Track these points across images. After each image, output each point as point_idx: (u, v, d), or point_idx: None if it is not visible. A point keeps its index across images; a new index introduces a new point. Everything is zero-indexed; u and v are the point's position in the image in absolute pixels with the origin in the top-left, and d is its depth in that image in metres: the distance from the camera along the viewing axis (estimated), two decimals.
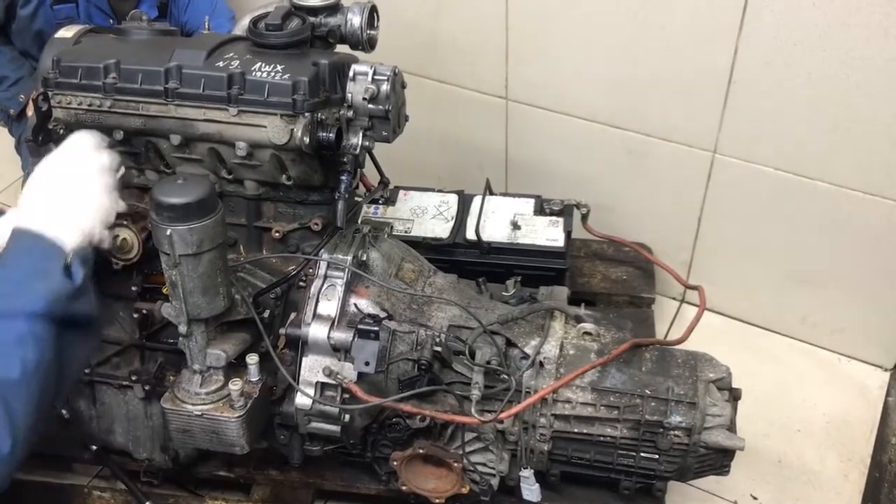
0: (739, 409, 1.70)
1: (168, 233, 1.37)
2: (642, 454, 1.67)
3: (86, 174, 1.35)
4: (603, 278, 2.34)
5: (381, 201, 2.21)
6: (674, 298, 2.51)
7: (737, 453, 1.67)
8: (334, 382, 1.58)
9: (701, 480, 1.86)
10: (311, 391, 1.61)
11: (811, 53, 1.90)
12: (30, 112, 1.67)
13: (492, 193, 2.23)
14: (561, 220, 2.13)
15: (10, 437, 1.10)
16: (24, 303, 1.16)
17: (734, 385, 1.70)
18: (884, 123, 1.91)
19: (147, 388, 1.74)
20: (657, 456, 1.67)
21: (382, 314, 1.63)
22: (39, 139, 1.55)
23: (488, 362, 1.64)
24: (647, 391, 1.64)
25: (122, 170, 1.47)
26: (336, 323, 1.62)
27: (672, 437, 1.63)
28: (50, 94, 1.58)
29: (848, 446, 2.12)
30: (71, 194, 1.31)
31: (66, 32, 1.67)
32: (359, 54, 1.70)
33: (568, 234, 2.10)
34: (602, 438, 1.67)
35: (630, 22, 2.09)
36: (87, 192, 1.33)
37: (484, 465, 1.71)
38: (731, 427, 1.65)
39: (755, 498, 2.01)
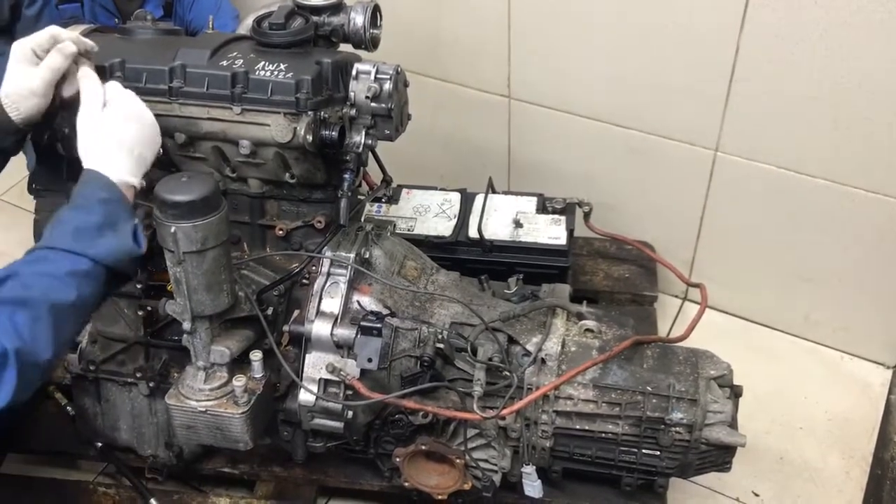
0: (742, 407, 1.71)
1: (172, 230, 1.38)
2: (644, 450, 1.68)
3: (140, 125, 1.42)
4: (605, 276, 2.35)
5: (383, 200, 2.22)
6: (676, 296, 2.52)
7: (739, 450, 1.68)
8: (337, 379, 1.60)
9: (703, 477, 1.87)
10: (314, 388, 1.62)
11: (812, 52, 1.90)
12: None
13: (494, 192, 2.24)
14: (563, 218, 2.14)
15: (52, 350, 1.23)
16: (95, 250, 1.28)
17: (735, 382, 1.70)
18: (885, 122, 1.92)
19: (152, 384, 1.76)
20: (658, 452, 1.68)
21: (385, 311, 1.64)
22: (45, 138, 1.56)
23: (490, 359, 1.65)
24: (648, 388, 1.65)
25: None
26: (339, 320, 1.63)
27: (673, 434, 1.64)
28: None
29: (850, 444, 2.12)
30: (131, 147, 1.39)
31: (72, 32, 1.68)
32: (362, 53, 1.71)
33: (570, 232, 2.11)
34: (604, 435, 1.67)
35: (632, 20, 2.10)
36: (144, 144, 1.41)
37: (486, 461, 1.72)
38: (733, 424, 1.66)
39: (757, 495, 2.02)
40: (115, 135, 1.38)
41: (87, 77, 1.44)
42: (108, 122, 1.39)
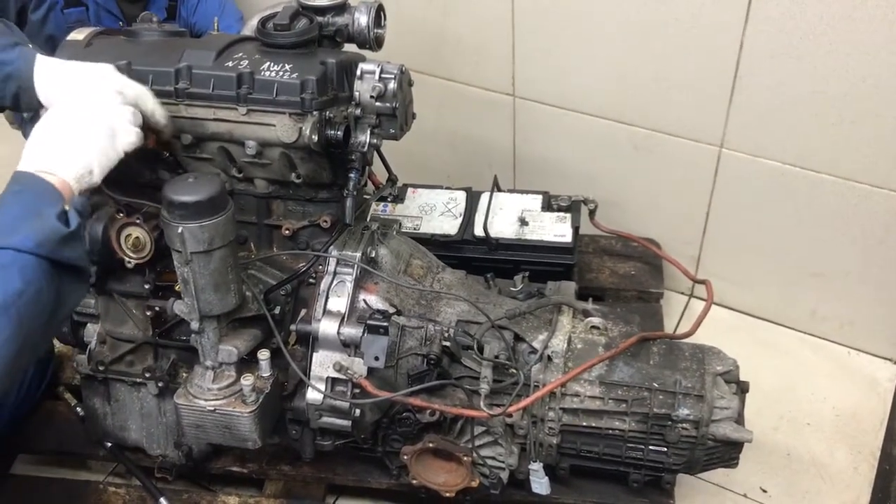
0: (749, 403, 1.71)
1: (179, 230, 1.39)
2: (651, 447, 1.68)
3: (89, 119, 1.34)
4: (611, 274, 2.35)
5: (389, 199, 2.23)
6: (682, 293, 2.52)
7: (746, 446, 1.68)
8: (345, 377, 1.60)
9: (711, 473, 1.87)
10: (321, 386, 1.62)
11: (817, 47, 1.90)
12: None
13: (499, 190, 2.25)
14: (568, 215, 2.14)
15: None
16: (13, 239, 1.17)
17: (742, 378, 1.71)
18: (890, 116, 1.91)
19: (160, 384, 1.76)
20: (665, 449, 1.68)
21: (391, 310, 1.65)
22: None
23: (496, 356, 1.66)
24: (654, 384, 1.65)
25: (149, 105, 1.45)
26: (346, 319, 1.63)
27: (680, 430, 1.64)
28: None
29: (858, 439, 2.12)
30: (68, 139, 1.32)
31: (78, 35, 1.69)
32: (366, 53, 1.72)
33: (575, 229, 2.11)
34: (610, 431, 1.68)
35: (636, 17, 2.10)
36: (84, 136, 1.33)
37: (493, 458, 1.72)
38: (739, 419, 1.66)
39: (765, 491, 2.02)
40: (46, 128, 1.33)
41: None
42: (47, 117, 1.35)
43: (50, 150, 1.30)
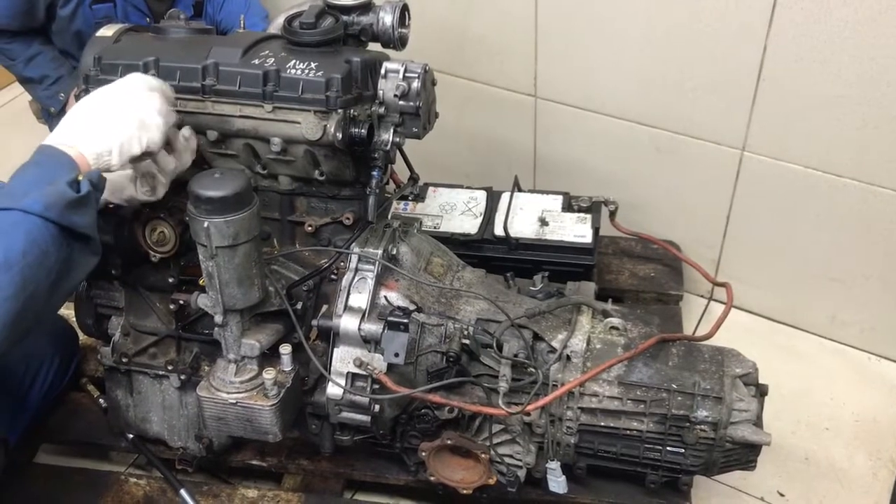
0: (767, 407, 1.70)
1: (205, 225, 1.41)
2: (668, 448, 1.68)
3: (120, 105, 1.38)
4: (631, 275, 2.35)
5: (410, 197, 2.24)
6: (702, 296, 2.51)
7: (764, 450, 1.67)
8: (365, 373, 1.61)
9: (728, 476, 1.87)
10: (342, 381, 1.63)
11: (841, 51, 1.89)
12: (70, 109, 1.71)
13: (520, 190, 2.25)
14: (589, 216, 2.15)
15: None
16: (23, 202, 1.20)
17: (761, 381, 1.70)
18: None
19: (183, 377, 1.78)
20: (683, 450, 1.68)
21: (412, 307, 1.66)
22: None
23: (516, 355, 1.66)
24: (673, 385, 1.65)
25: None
26: (366, 315, 1.64)
27: (698, 432, 1.64)
28: (91, 90, 1.62)
29: (877, 445, 2.11)
30: (97, 119, 1.36)
31: (107, 31, 1.71)
32: (390, 52, 1.73)
33: (596, 230, 2.11)
34: (628, 432, 1.68)
35: (659, 19, 2.10)
36: (113, 119, 1.37)
37: (511, 456, 1.73)
38: (758, 422, 1.66)
39: (782, 495, 2.01)
40: (79, 108, 1.38)
41: None
42: (81, 101, 1.40)
43: (76, 127, 1.35)
